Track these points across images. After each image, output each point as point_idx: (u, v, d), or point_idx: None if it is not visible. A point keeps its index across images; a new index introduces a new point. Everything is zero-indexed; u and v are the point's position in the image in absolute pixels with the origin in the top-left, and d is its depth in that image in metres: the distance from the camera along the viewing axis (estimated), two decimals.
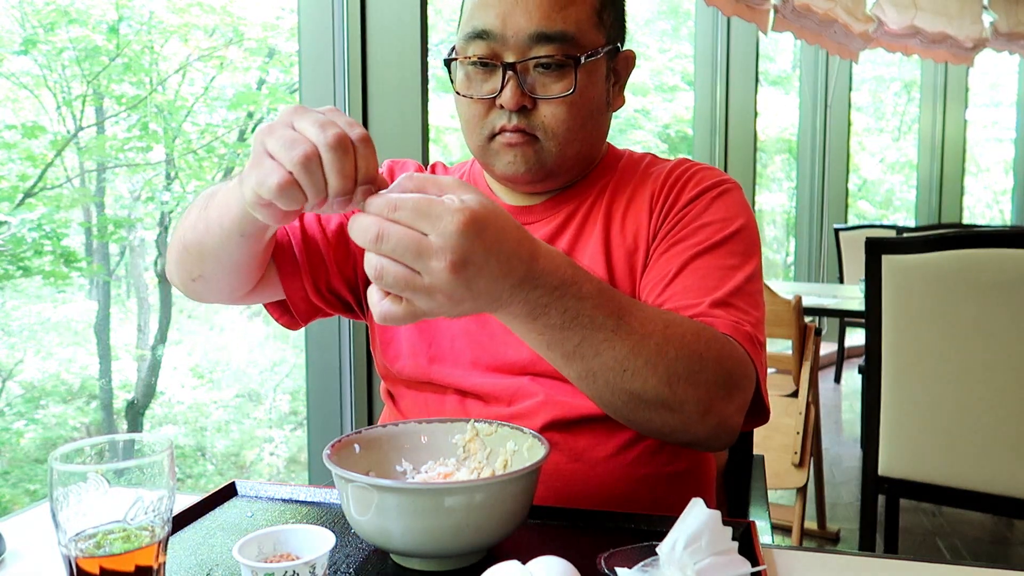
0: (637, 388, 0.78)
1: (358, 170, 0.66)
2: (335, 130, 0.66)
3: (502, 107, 0.95)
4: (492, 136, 0.97)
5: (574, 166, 1.02)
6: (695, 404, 0.80)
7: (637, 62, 1.06)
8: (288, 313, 1.07)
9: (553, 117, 0.95)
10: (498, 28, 0.93)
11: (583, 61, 0.94)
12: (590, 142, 1.01)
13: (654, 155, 1.10)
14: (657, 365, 0.77)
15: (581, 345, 0.74)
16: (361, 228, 0.64)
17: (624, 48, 1.04)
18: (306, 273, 1.03)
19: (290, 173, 0.66)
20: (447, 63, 1.00)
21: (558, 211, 1.04)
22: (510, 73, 0.93)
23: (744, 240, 0.98)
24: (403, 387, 1.06)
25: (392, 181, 1.11)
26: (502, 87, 0.94)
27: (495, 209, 0.66)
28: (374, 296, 0.66)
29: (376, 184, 0.67)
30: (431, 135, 2.18)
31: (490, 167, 1.01)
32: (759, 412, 0.91)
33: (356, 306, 1.10)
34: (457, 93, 0.99)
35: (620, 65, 1.04)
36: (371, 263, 0.64)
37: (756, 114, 4.99)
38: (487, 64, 0.95)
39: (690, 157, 1.17)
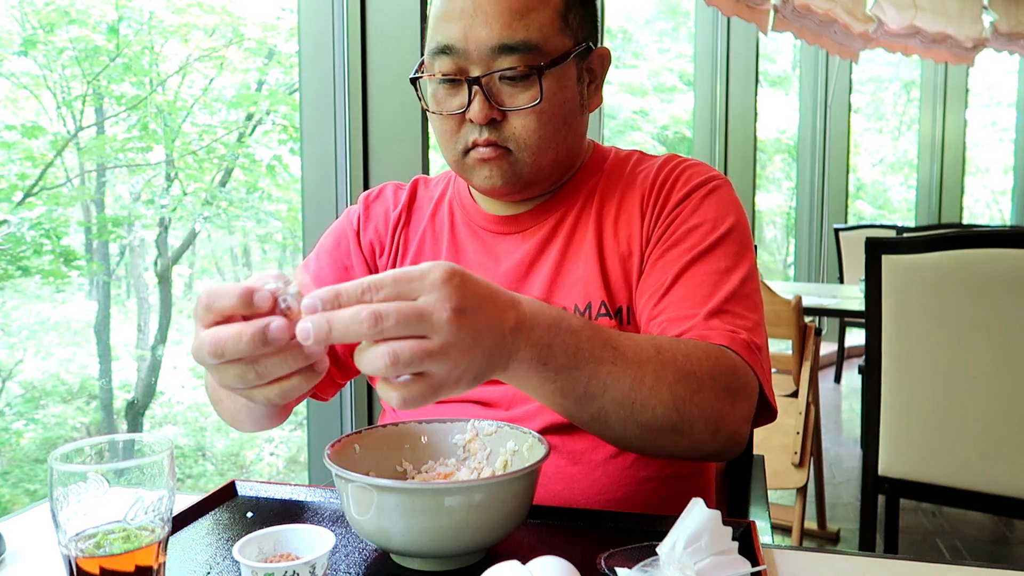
0: (647, 419, 0.78)
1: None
2: (237, 335, 0.60)
3: (472, 121, 0.94)
4: (466, 151, 0.96)
5: (552, 173, 1.00)
6: (703, 424, 0.81)
7: (635, 63, 1.05)
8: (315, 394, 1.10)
9: (524, 128, 0.94)
10: (461, 42, 0.91)
11: (547, 69, 0.92)
12: (566, 147, 0.99)
13: (641, 152, 1.09)
14: (661, 392, 0.78)
15: (590, 383, 0.74)
16: (353, 320, 0.59)
17: (600, 45, 1.02)
18: (333, 368, 1.07)
19: (270, 381, 0.63)
20: (413, 82, 0.98)
21: (546, 218, 1.03)
22: (476, 87, 0.92)
23: (736, 240, 0.97)
24: None
25: (369, 212, 1.11)
26: (469, 102, 0.92)
27: (460, 266, 0.65)
28: (385, 390, 0.63)
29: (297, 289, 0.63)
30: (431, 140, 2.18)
31: (468, 180, 1.01)
32: (766, 411, 0.91)
33: None
34: (426, 110, 0.98)
35: (595, 64, 1.01)
36: (380, 352, 0.59)
37: (756, 115, 4.99)
38: (454, 79, 0.94)
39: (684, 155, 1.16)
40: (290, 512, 0.89)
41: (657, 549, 0.67)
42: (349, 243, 1.10)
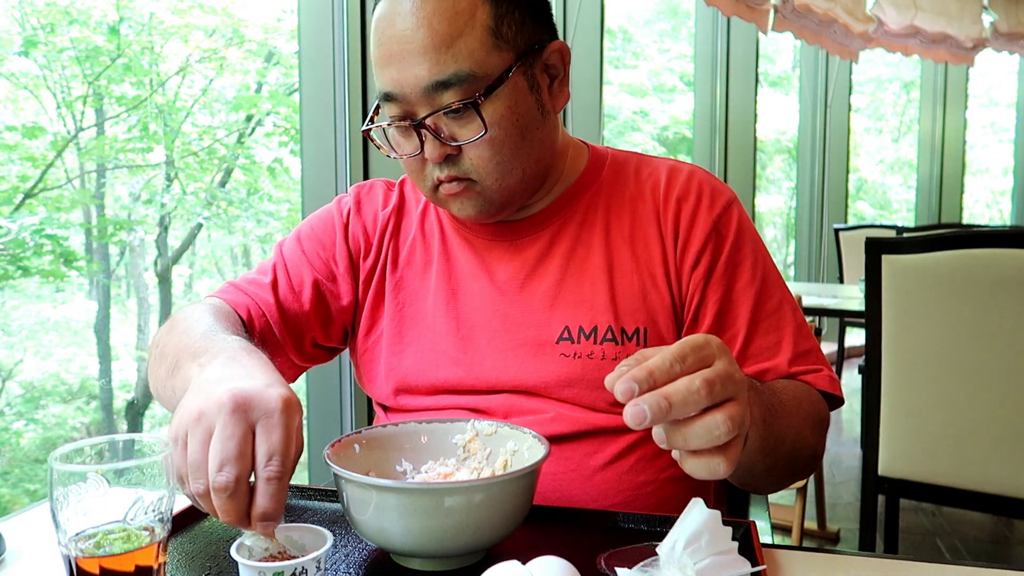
0: (798, 464, 0.89)
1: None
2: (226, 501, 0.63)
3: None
4: (435, 187, 0.95)
5: (527, 188, 0.98)
6: (815, 460, 0.93)
7: (635, 63, 1.05)
8: None
9: (479, 158, 0.91)
10: (398, 88, 0.89)
11: (483, 98, 0.88)
12: (533, 160, 0.96)
13: (639, 155, 1.08)
14: (808, 438, 0.88)
15: (777, 436, 0.80)
16: (689, 391, 0.60)
17: (555, 39, 0.97)
18: (289, 346, 1.05)
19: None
20: (366, 133, 0.97)
21: (542, 229, 1.02)
22: (423, 130, 0.90)
23: (764, 261, 1.01)
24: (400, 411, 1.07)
25: (360, 206, 1.10)
26: (421, 144, 0.91)
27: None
28: (705, 461, 0.63)
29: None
30: None
31: (447, 211, 1.01)
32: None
33: (342, 344, 1.12)
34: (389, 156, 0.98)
35: (552, 61, 0.96)
36: (718, 420, 0.61)
37: (756, 115, 4.99)
38: (403, 123, 0.92)
39: (688, 159, 1.17)
40: (290, 512, 0.89)
41: (657, 549, 0.67)
42: (336, 235, 1.08)
